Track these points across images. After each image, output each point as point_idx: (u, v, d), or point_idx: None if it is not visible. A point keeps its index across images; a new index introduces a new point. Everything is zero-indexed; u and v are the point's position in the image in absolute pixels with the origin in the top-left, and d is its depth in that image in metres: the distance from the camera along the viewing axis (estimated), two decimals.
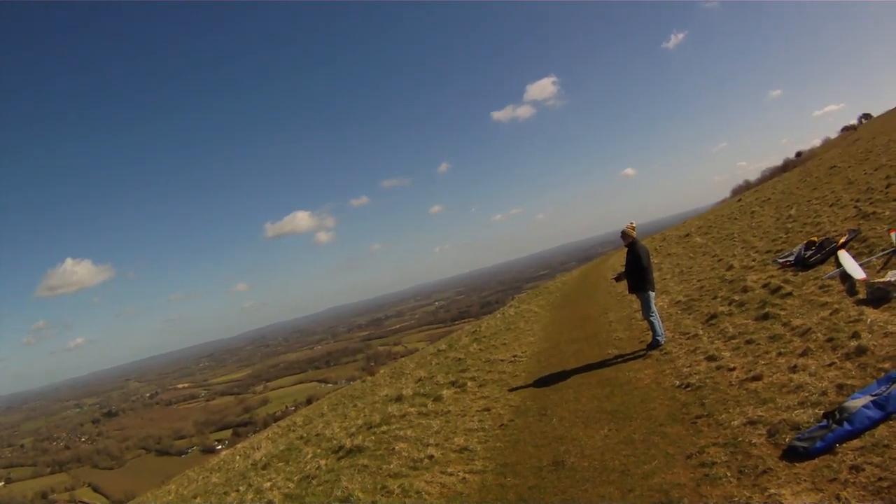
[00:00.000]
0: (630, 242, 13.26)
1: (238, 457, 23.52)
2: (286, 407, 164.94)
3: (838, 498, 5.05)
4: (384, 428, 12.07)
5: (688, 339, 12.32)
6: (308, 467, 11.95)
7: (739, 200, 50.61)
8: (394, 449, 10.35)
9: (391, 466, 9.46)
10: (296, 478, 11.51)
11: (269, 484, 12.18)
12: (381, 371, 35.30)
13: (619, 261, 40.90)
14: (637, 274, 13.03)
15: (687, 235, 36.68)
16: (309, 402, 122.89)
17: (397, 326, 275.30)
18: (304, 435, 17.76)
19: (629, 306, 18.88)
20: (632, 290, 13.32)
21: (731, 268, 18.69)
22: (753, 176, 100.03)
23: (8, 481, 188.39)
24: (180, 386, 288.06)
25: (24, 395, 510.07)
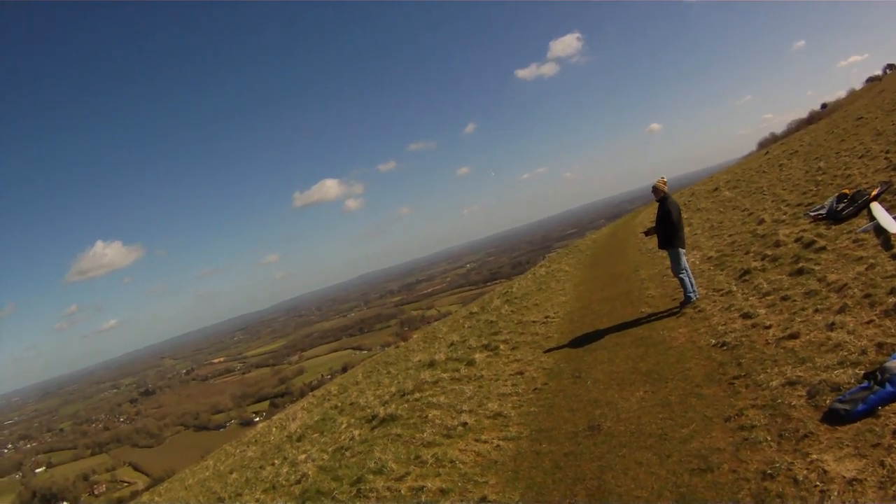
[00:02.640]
0: (661, 197, 13.12)
1: (273, 429, 23.87)
2: (322, 376, 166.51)
3: (882, 464, 4.90)
4: (417, 395, 12.14)
5: (721, 295, 12.22)
6: (342, 438, 12.12)
7: (767, 153, 50.07)
8: (427, 417, 10.39)
9: (424, 435, 9.50)
10: (330, 449, 11.66)
11: (303, 456, 12.39)
12: (415, 336, 35.49)
13: (648, 217, 40.96)
14: (667, 230, 12.91)
15: (715, 190, 36.31)
16: (344, 370, 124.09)
17: (429, 290, 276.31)
18: (339, 404, 18.02)
19: (661, 263, 18.76)
20: (661, 245, 13.23)
21: (762, 222, 18.53)
22: (779, 129, 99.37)
23: (49, 465, 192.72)
24: (216, 361, 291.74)
25: (60, 380, 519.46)
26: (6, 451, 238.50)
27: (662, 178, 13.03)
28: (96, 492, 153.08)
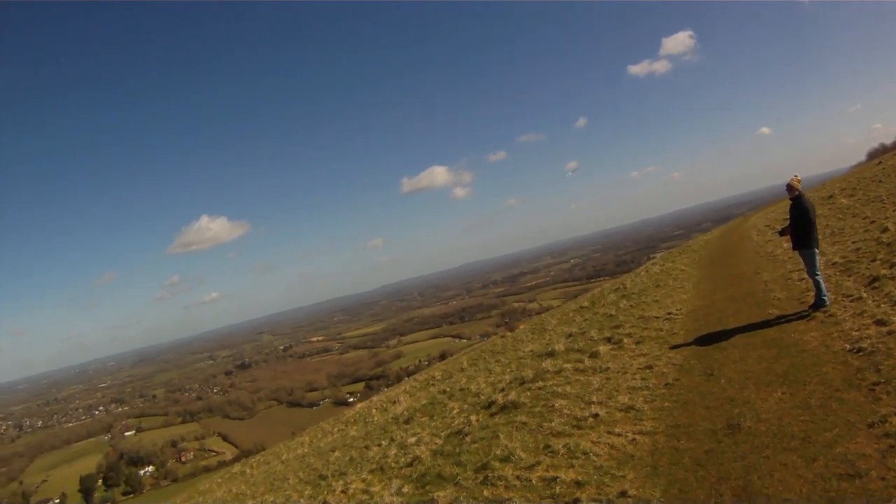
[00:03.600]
0: (796, 196, 12.66)
1: (374, 410, 23.95)
2: (419, 361, 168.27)
3: None
4: (539, 384, 11.78)
5: (851, 301, 11.79)
6: (456, 423, 11.89)
7: (880, 163, 48.62)
8: (553, 406, 10.05)
9: (553, 424, 9.17)
10: (443, 434, 11.46)
11: (413, 439, 12.22)
12: (521, 327, 35.32)
13: (760, 221, 40.56)
14: (803, 229, 12.49)
15: (831, 197, 35.27)
16: (442, 357, 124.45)
17: (532, 283, 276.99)
18: (447, 389, 17.87)
19: (783, 266, 18.45)
20: (796, 246, 12.80)
21: (885, 230, 17.98)
22: (889, 139, 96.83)
23: (139, 430, 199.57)
24: (314, 339, 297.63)
25: (157, 349, 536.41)
26: (97, 413, 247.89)
27: (797, 175, 12.60)
28: (183, 458, 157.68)
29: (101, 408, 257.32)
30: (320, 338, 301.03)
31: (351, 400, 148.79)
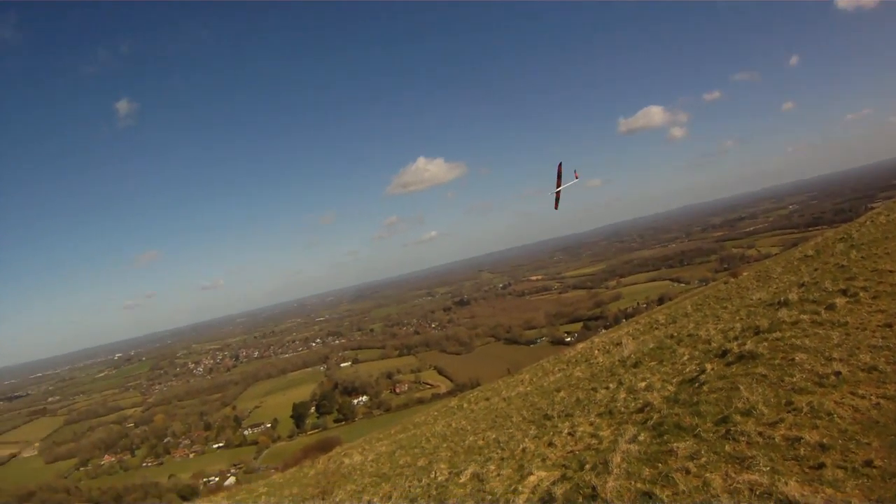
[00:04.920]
0: None
1: (597, 351, 24.00)
2: (637, 304, 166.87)
3: None
4: (776, 334, 11.45)
5: None
6: (688, 370, 11.87)
7: None
8: (793, 360, 9.74)
9: (794, 380, 8.92)
10: (674, 380, 11.47)
11: (643, 384, 12.29)
12: (745, 273, 34.40)
13: None
14: None
15: None
16: (661, 300, 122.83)
17: (751, 229, 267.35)
18: (674, 334, 17.72)
19: None
20: None
21: None
22: None
23: (355, 362, 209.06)
24: (533, 278, 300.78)
25: (376, 285, 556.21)
26: (314, 344, 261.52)
27: None
28: (397, 390, 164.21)
29: (317, 340, 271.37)
30: (539, 277, 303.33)
31: (568, 339, 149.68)
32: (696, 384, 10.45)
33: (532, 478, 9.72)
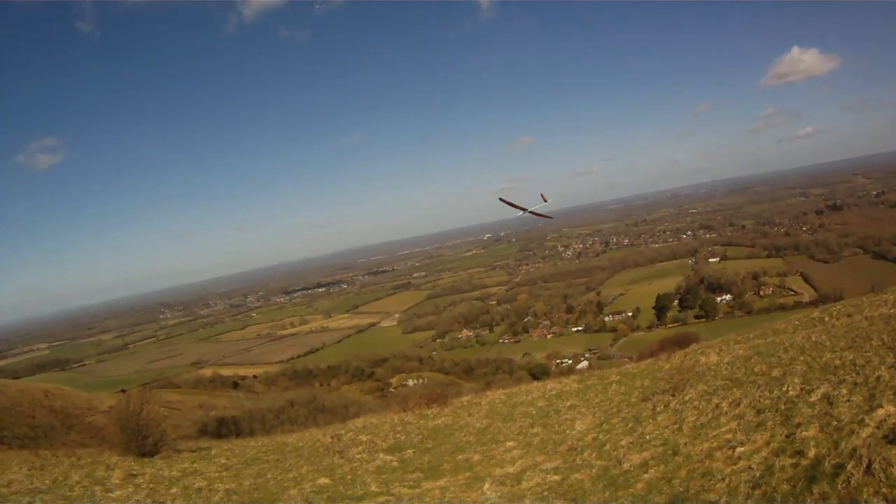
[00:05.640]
0: None
1: None
2: None
3: None
4: None
5: None
6: None
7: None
8: None
9: None
10: None
11: None
12: None
13: None
14: None
15: None
16: None
17: None
18: None
19: None
20: None
21: None
22: None
23: (723, 258, 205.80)
24: None
25: (748, 180, 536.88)
26: (684, 236, 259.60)
27: None
28: (761, 293, 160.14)
29: (688, 232, 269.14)
30: None
31: None
32: None
33: (881, 411, 9.57)
